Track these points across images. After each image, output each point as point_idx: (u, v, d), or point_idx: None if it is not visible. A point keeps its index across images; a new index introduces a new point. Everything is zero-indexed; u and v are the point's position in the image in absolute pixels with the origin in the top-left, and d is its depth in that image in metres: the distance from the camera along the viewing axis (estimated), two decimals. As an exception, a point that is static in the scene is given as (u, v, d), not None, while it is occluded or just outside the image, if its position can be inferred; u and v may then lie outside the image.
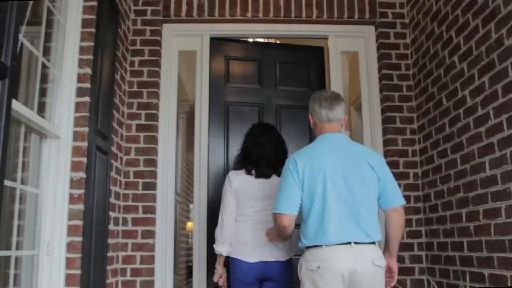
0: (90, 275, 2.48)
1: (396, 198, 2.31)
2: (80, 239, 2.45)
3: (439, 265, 3.12)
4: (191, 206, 6.75)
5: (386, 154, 3.50)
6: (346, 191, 2.19)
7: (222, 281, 2.80)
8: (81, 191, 2.51)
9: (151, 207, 3.35)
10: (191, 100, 5.70)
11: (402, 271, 3.25)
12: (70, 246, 2.42)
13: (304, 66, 3.94)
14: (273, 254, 2.65)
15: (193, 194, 6.27)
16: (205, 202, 3.53)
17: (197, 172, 3.62)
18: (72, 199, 2.48)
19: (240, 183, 2.73)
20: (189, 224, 6.91)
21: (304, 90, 3.80)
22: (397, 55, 3.65)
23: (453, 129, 2.94)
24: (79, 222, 2.47)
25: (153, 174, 3.41)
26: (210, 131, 3.66)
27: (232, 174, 2.79)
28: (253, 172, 2.73)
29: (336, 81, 3.77)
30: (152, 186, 3.39)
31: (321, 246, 2.14)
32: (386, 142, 3.53)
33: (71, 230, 2.45)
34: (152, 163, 3.42)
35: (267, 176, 2.73)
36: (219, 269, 2.79)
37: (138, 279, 3.23)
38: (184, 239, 7.19)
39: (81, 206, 2.49)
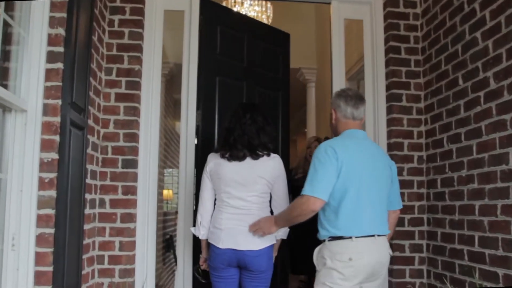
0: (64, 271, 2.17)
1: (399, 201, 2.48)
2: (52, 231, 2.13)
3: (442, 257, 2.91)
4: (166, 172, 6.46)
5: (390, 135, 3.23)
6: (374, 186, 2.26)
7: (206, 265, 2.67)
8: (53, 175, 2.17)
9: (131, 187, 3.02)
10: (171, 62, 5.30)
11: (402, 260, 3.07)
12: (39, 239, 2.10)
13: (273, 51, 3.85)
14: (246, 242, 2.49)
15: (170, 161, 6.03)
16: (191, 173, 3.22)
17: (183, 141, 3.29)
18: (42, 184, 2.14)
19: (214, 166, 2.58)
20: (165, 192, 6.63)
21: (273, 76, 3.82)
22: (406, 26, 3.32)
23: (469, 113, 2.67)
24: (51, 211, 2.14)
25: (134, 150, 3.07)
26: (199, 103, 3.31)
27: (209, 156, 2.66)
28: (227, 155, 2.55)
29: (339, 49, 3.46)
30: (133, 163, 3.05)
31: (350, 237, 2.15)
32: (390, 122, 3.25)
33: (41, 220, 2.12)
34: (133, 137, 3.07)
35: (240, 158, 2.53)
36: (204, 252, 2.68)
37: (117, 267, 2.94)
38: (160, 207, 6.90)
39: (53, 193, 2.15)
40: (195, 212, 3.07)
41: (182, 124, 3.29)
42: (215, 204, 2.61)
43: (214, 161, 2.59)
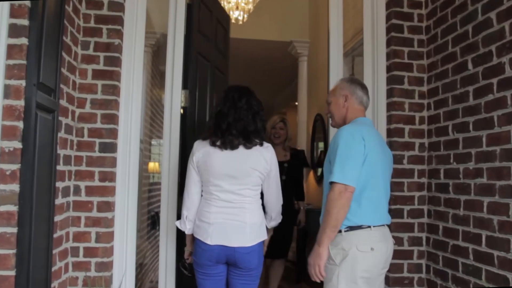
0: (29, 275, 1.93)
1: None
2: (14, 230, 1.88)
3: (444, 253, 2.73)
4: (153, 142, 6.22)
5: (390, 120, 3.00)
6: (386, 175, 2.27)
7: (191, 260, 2.51)
8: (16, 166, 1.91)
9: (109, 173, 2.77)
10: (158, 33, 4.99)
11: (400, 254, 2.90)
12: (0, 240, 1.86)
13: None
14: (237, 238, 2.32)
15: (156, 131, 5.76)
16: (175, 161, 3.00)
17: (167, 114, 3.03)
18: (3, 177, 1.89)
19: (202, 156, 2.37)
20: (151, 165, 6.40)
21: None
22: (409, 3, 3.05)
23: (479, 101, 2.44)
24: (13, 208, 1.89)
25: (113, 133, 2.80)
26: (186, 82, 3.05)
27: (196, 144, 2.44)
28: (219, 142, 2.34)
29: (337, 23, 3.24)
30: (111, 147, 2.79)
31: (369, 227, 2.13)
32: (390, 106, 3.02)
33: (1, 218, 1.87)
34: (112, 118, 2.80)
35: (233, 146, 2.34)
36: (188, 246, 2.53)
37: (93, 260, 2.71)
38: (146, 184, 6.67)
39: (15, 187, 1.90)
40: (179, 203, 2.87)
41: (166, 107, 3.02)
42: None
43: (202, 150, 2.37)
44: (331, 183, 2.08)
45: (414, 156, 2.98)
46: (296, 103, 7.49)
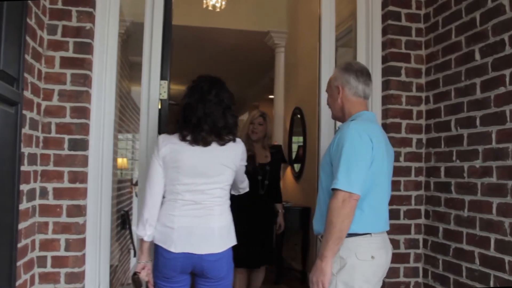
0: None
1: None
2: (-30, 245, 1.59)
3: (444, 256, 2.56)
4: (120, 137, 5.89)
5: (386, 114, 2.81)
6: (389, 178, 2.10)
7: (145, 273, 2.19)
8: (-29, 170, 1.61)
9: (80, 173, 2.48)
10: (128, 20, 4.65)
11: (396, 258, 2.68)
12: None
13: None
14: (204, 244, 2.11)
15: (126, 126, 5.42)
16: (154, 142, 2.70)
17: (144, 107, 2.73)
18: (-44, 183, 1.59)
19: (170, 151, 2.14)
20: (119, 161, 6.07)
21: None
22: (407, -12, 2.86)
23: (488, 94, 2.27)
24: (-32, 219, 1.59)
25: (84, 128, 2.50)
26: (165, 72, 2.77)
27: (162, 138, 2.21)
28: (189, 137, 2.14)
29: (329, 4, 2.99)
30: (82, 144, 2.49)
31: (370, 234, 1.95)
32: (386, 99, 2.82)
33: (-46, 231, 1.57)
34: (83, 112, 2.50)
35: (206, 143, 2.14)
36: (142, 257, 2.20)
37: (63, 270, 2.42)
38: (115, 182, 6.30)
39: (-29, 194, 1.60)
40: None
41: (143, 100, 2.73)
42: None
43: (169, 145, 2.15)
44: (334, 190, 1.88)
45: (411, 153, 2.80)
46: (270, 96, 7.28)
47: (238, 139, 2.25)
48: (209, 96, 2.17)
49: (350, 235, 1.90)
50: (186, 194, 2.13)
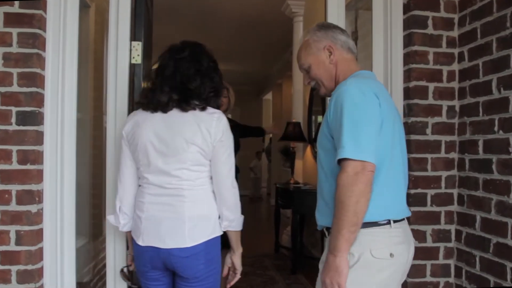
0: None
1: None
2: None
3: (483, 253, 2.03)
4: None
5: (409, 76, 2.27)
6: (404, 148, 1.67)
7: (133, 267, 2.00)
8: None
9: (33, 152, 2.05)
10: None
11: (421, 253, 2.22)
12: None
13: None
14: (172, 236, 1.77)
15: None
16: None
17: (112, 75, 2.27)
18: None
19: (132, 127, 1.85)
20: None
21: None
22: None
23: (544, 40, 1.71)
24: None
25: (36, 99, 2.07)
26: (137, 31, 2.30)
27: (130, 114, 1.96)
28: (146, 101, 1.84)
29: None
30: (34, 118, 2.06)
31: (388, 223, 1.54)
32: (409, 57, 2.27)
33: None
34: (33, 79, 2.06)
35: (162, 106, 1.79)
36: (130, 249, 1.99)
37: (14, 268, 2.02)
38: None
39: None
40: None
41: (109, 63, 2.27)
42: None
43: (132, 120, 1.87)
44: (341, 161, 1.47)
45: (440, 124, 2.26)
46: (291, 73, 6.74)
47: (213, 110, 1.83)
48: (182, 53, 1.84)
49: (365, 224, 1.49)
50: (149, 177, 1.80)
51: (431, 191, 2.24)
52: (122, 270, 2.08)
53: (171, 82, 1.78)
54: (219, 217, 1.83)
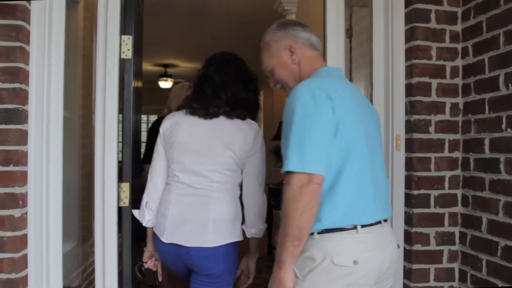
0: None
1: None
2: None
3: (490, 256, 1.95)
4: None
5: (411, 72, 2.19)
6: (374, 148, 1.56)
7: (152, 264, 2.06)
8: None
9: (16, 153, 1.92)
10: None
11: (424, 256, 2.16)
12: None
13: None
14: (196, 237, 1.84)
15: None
16: (114, 117, 2.14)
17: (100, 71, 2.14)
18: None
19: (170, 126, 1.94)
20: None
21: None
22: None
23: (556, 33, 1.62)
24: None
25: (19, 95, 1.94)
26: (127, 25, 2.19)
27: (168, 115, 2.03)
28: (202, 110, 1.90)
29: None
30: (17, 116, 1.93)
31: (354, 228, 1.44)
32: (411, 52, 2.19)
33: None
34: (16, 74, 1.92)
35: (213, 115, 1.89)
36: (149, 246, 2.05)
37: (-5, 276, 1.90)
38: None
39: None
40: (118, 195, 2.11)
41: (98, 58, 2.15)
42: None
43: (172, 119, 1.96)
44: (287, 173, 1.42)
45: (444, 122, 2.18)
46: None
47: (251, 120, 1.95)
48: (228, 66, 1.96)
49: (328, 230, 1.43)
50: (180, 175, 1.90)
51: (434, 192, 2.16)
52: (139, 266, 2.10)
53: (222, 93, 1.88)
54: (242, 223, 1.92)
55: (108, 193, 2.12)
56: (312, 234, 1.44)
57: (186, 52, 8.25)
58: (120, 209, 2.15)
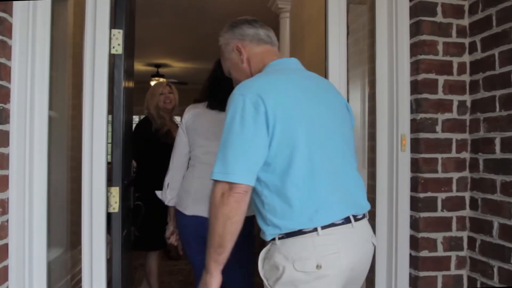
0: None
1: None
2: None
3: (503, 263, 1.85)
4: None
5: (416, 68, 2.08)
6: (336, 140, 1.50)
7: (174, 239, 2.42)
8: None
9: (-5, 156, 1.80)
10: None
11: (431, 263, 2.04)
12: None
13: None
14: None
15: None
16: (103, 117, 2.02)
17: (89, 66, 2.02)
18: None
19: (192, 117, 2.27)
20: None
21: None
22: None
23: None
24: None
25: (2, 93, 1.81)
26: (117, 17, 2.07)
27: (189, 107, 2.35)
28: (218, 105, 2.18)
29: None
30: (-2, 116, 1.81)
31: (315, 230, 1.37)
32: (416, 47, 2.09)
33: None
34: (-2, 71, 1.81)
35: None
36: (171, 223, 2.41)
37: (-27, 289, 1.77)
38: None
39: None
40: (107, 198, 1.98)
41: (86, 53, 2.03)
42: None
43: (192, 111, 2.28)
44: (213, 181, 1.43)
45: (451, 121, 2.08)
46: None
47: None
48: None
49: (288, 235, 1.39)
50: (203, 157, 2.17)
51: (441, 195, 2.06)
52: (167, 248, 2.37)
53: (223, 88, 2.04)
54: None
55: (96, 198, 1.99)
56: (273, 239, 1.42)
57: (179, 51, 8.15)
58: (109, 215, 2.03)
